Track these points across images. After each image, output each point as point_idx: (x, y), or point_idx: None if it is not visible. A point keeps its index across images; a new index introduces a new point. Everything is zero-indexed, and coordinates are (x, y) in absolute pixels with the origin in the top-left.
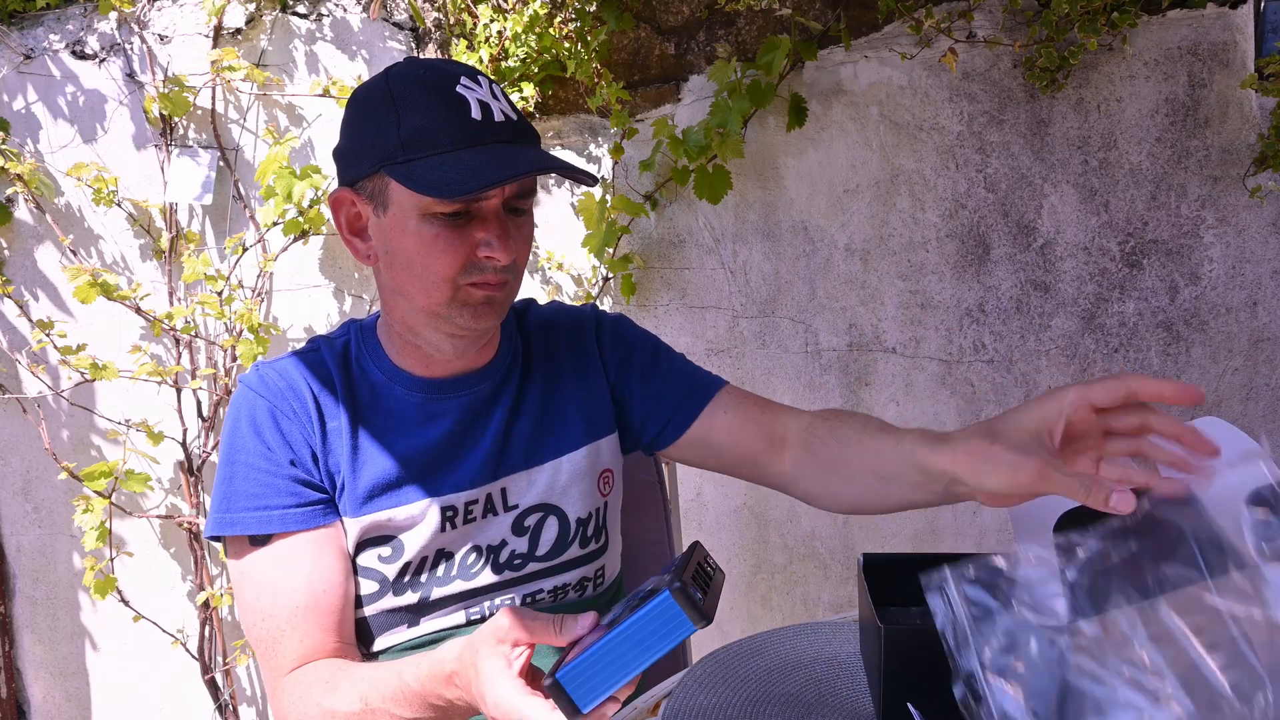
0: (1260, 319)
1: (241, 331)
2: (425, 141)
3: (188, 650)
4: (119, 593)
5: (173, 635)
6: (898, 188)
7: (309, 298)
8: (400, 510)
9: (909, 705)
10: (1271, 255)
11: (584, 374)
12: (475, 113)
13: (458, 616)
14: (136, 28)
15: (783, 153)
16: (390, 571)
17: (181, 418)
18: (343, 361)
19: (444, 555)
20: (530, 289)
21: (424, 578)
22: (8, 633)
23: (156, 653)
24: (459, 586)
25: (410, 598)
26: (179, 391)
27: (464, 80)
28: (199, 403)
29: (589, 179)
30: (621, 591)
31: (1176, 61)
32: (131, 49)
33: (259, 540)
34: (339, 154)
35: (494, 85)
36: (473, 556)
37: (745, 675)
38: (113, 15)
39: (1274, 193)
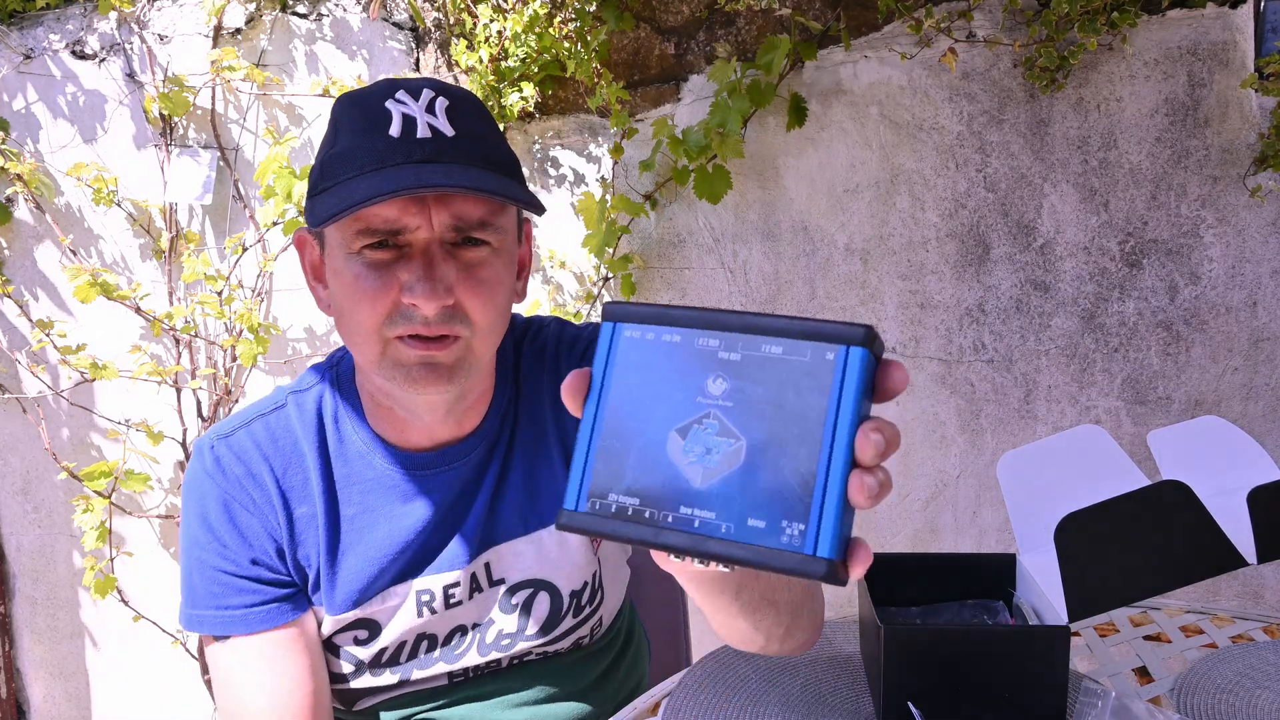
0: (1260, 319)
1: (241, 331)
2: (340, 167)
3: (187, 650)
4: (119, 592)
5: (172, 635)
6: (898, 188)
7: (309, 298)
8: (379, 600)
9: (909, 705)
10: (1271, 255)
11: (564, 419)
12: (394, 129)
13: (440, 679)
14: (136, 28)
15: (783, 153)
16: (365, 655)
17: (181, 417)
18: (315, 424)
19: (425, 638)
20: (531, 289)
21: (404, 660)
22: (8, 633)
23: (156, 653)
24: (441, 668)
25: (389, 678)
26: (179, 391)
27: (400, 94)
28: (199, 402)
29: (536, 208)
30: (632, 620)
31: (1176, 61)
32: (131, 49)
33: (222, 637)
34: None
35: (441, 99)
36: (456, 637)
37: (745, 675)
38: (113, 15)
39: (1274, 192)
